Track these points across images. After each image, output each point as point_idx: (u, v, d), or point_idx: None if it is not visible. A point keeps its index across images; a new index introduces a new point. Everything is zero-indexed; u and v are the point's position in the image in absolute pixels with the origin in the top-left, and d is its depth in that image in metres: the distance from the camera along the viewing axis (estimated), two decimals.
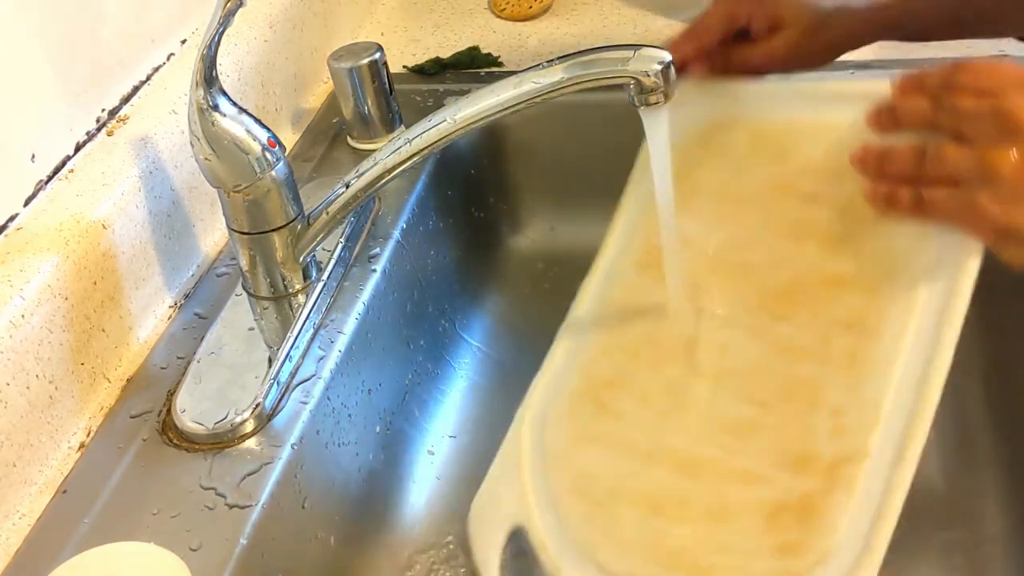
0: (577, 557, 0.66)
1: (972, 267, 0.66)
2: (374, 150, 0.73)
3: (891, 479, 0.61)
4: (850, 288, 0.71)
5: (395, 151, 0.71)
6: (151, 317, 0.75)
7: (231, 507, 0.62)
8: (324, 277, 0.77)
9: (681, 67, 0.75)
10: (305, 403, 0.69)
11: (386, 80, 0.90)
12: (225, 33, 0.66)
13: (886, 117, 0.68)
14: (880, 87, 0.70)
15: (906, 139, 0.67)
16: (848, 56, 0.94)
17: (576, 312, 0.78)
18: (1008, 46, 0.93)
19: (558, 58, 0.67)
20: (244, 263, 0.75)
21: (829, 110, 0.74)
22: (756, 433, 0.68)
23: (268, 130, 0.70)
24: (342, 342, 0.74)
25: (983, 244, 0.64)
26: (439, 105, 0.94)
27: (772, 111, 0.78)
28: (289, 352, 0.71)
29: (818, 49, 0.78)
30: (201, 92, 0.67)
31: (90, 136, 0.75)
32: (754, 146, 0.78)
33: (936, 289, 0.66)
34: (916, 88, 0.66)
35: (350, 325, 0.75)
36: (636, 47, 0.65)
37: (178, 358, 0.72)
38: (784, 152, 0.76)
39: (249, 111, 0.70)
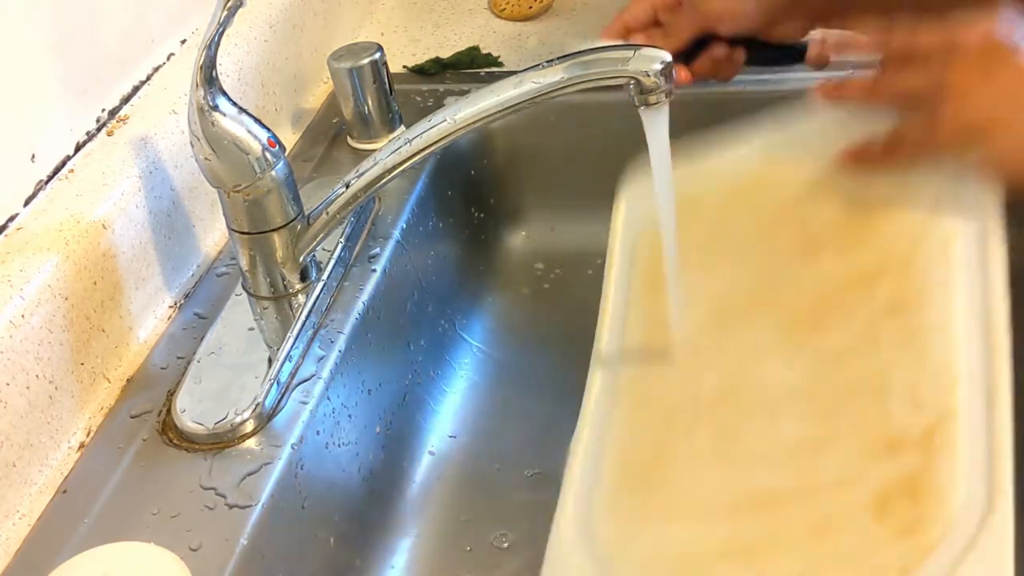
0: None
1: (994, 219, 0.66)
2: (374, 150, 0.73)
3: (990, 423, 0.59)
4: (878, 279, 0.68)
5: (395, 151, 0.71)
6: (151, 317, 0.75)
7: (231, 507, 0.62)
8: (324, 277, 0.77)
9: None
10: (305, 403, 0.69)
11: (386, 80, 0.90)
12: (225, 33, 0.66)
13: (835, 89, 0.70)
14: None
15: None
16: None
17: (592, 383, 0.73)
18: None
19: (558, 58, 0.67)
20: (244, 263, 0.75)
21: (786, 160, 0.74)
22: (832, 443, 0.64)
23: (268, 130, 0.70)
24: (342, 342, 0.74)
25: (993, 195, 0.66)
26: (439, 105, 0.94)
27: (730, 180, 0.76)
28: (289, 352, 0.71)
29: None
30: (201, 92, 0.67)
31: (90, 136, 0.75)
32: (725, 207, 0.76)
33: (967, 253, 0.66)
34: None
35: (350, 325, 0.75)
36: (636, 47, 0.65)
37: (178, 358, 0.72)
38: (759, 202, 0.75)
39: (249, 111, 0.70)
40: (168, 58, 0.84)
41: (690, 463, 0.67)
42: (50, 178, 0.72)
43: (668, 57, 0.64)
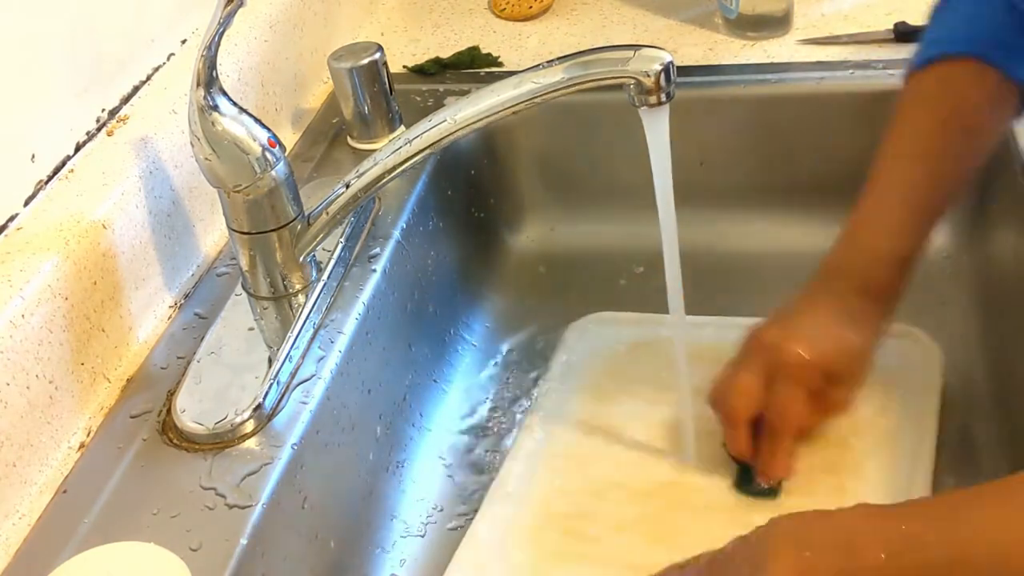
0: None
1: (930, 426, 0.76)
2: (374, 150, 0.73)
3: None
4: (823, 441, 0.76)
5: (395, 151, 0.71)
6: (151, 317, 0.75)
7: (231, 507, 0.62)
8: (324, 277, 0.77)
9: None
10: (305, 403, 0.69)
11: (386, 80, 0.90)
12: (225, 33, 0.66)
13: None
14: None
15: None
16: (848, 56, 0.94)
17: (516, 454, 0.80)
18: None
19: (558, 58, 0.66)
20: (244, 263, 0.75)
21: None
22: None
23: (268, 130, 0.70)
24: (342, 342, 0.74)
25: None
26: (439, 105, 0.94)
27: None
28: (289, 352, 0.71)
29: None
30: (201, 92, 0.67)
31: (90, 136, 0.75)
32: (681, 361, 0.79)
33: (904, 434, 0.75)
34: None
35: (350, 325, 0.75)
36: (636, 47, 0.65)
37: (178, 358, 0.72)
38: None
39: (249, 111, 0.70)
40: (168, 58, 0.84)
41: (615, 528, 0.73)
42: (50, 178, 0.72)
43: (668, 57, 0.64)
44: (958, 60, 0.72)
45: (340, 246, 0.79)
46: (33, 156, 0.70)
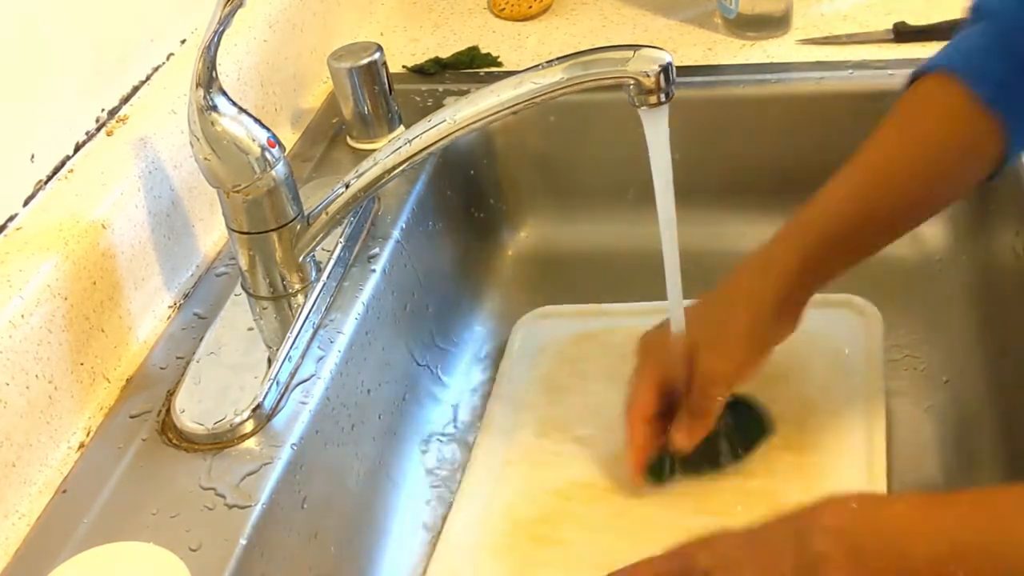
0: None
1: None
2: (374, 150, 0.73)
3: None
4: (778, 422, 0.77)
5: (395, 151, 0.71)
6: (150, 317, 0.75)
7: (231, 507, 0.62)
8: (324, 277, 0.77)
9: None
10: (305, 403, 0.69)
11: (386, 80, 0.90)
12: (225, 33, 0.66)
13: None
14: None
15: None
16: (847, 56, 0.94)
17: (475, 465, 0.80)
18: None
19: (558, 58, 0.66)
20: (243, 263, 0.75)
21: None
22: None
23: (268, 130, 0.70)
24: (341, 342, 0.74)
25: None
26: (439, 105, 0.94)
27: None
28: (288, 352, 0.71)
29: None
30: (201, 92, 0.67)
31: (89, 136, 0.75)
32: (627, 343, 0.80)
33: (856, 413, 0.77)
34: None
35: (350, 325, 0.75)
36: (636, 47, 0.65)
37: (177, 358, 0.72)
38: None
39: (248, 111, 0.70)
40: (168, 58, 0.84)
41: (584, 528, 0.73)
42: (49, 178, 0.72)
43: (668, 57, 0.64)
44: (945, 78, 0.69)
45: (340, 246, 0.79)
46: (32, 156, 0.70)
